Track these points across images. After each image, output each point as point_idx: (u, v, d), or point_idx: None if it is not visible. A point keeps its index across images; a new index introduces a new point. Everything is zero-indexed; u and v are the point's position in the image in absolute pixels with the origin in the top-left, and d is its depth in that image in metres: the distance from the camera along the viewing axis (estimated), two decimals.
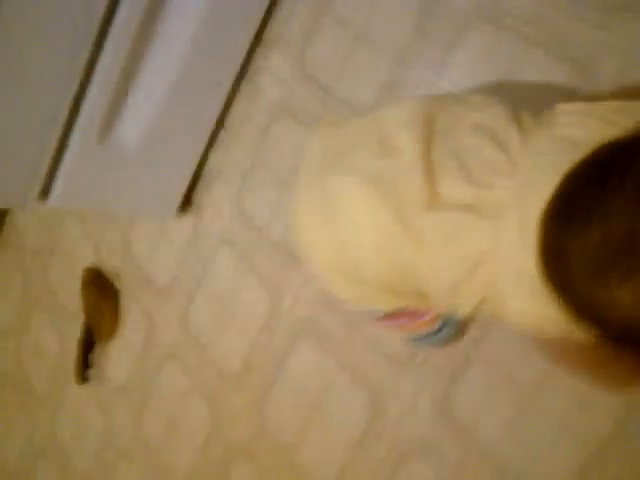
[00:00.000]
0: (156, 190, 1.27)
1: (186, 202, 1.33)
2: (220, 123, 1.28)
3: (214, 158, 1.30)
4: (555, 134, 0.59)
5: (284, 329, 1.15)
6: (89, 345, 1.53)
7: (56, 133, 1.07)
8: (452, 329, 0.86)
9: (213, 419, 1.26)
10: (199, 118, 1.23)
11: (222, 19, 1.12)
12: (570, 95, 0.80)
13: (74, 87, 1.04)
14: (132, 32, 1.03)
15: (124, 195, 1.23)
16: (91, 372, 1.55)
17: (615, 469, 0.77)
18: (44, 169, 1.08)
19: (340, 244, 0.68)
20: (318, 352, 1.09)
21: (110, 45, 1.02)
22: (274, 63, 1.21)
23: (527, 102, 0.66)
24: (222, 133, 1.29)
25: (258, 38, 1.22)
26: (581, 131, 0.57)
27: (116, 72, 1.05)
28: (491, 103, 0.66)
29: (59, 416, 1.66)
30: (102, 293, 1.49)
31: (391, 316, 0.77)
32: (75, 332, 1.58)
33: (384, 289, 0.69)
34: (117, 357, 1.50)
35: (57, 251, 1.70)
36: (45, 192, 1.12)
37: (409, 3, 1.01)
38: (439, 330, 0.84)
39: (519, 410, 0.84)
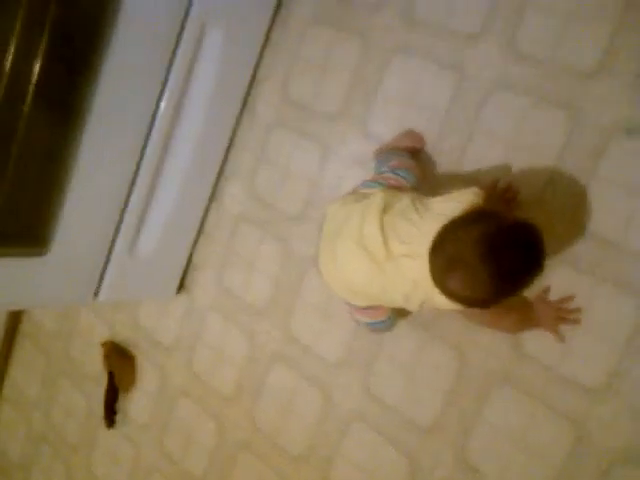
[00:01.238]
0: (162, 279, 1.89)
1: (181, 285, 1.95)
2: (201, 229, 1.91)
3: (198, 253, 1.94)
4: (433, 212, 1.17)
5: (263, 365, 1.78)
6: (114, 396, 2.09)
7: (105, 249, 1.67)
8: (392, 322, 1.42)
9: (218, 431, 1.86)
10: (187, 226, 1.87)
11: (201, 165, 1.78)
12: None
13: (117, 216, 1.66)
14: (152, 171, 1.67)
15: (144, 285, 1.84)
16: (117, 417, 2.10)
17: None
18: (97, 275, 1.69)
19: (346, 279, 1.30)
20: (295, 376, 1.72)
21: (136, 189, 1.65)
22: (232, 189, 1.87)
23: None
24: (202, 236, 1.93)
25: (221, 170, 1.88)
26: (443, 209, 1.15)
27: (140, 205, 1.68)
28: (404, 195, 1.24)
29: (93, 457, 2.20)
30: (122, 358, 2.06)
31: (364, 309, 1.37)
32: (98, 392, 2.14)
33: (366, 296, 1.31)
34: (138, 402, 2.07)
35: (74, 333, 2.27)
36: (96, 292, 1.72)
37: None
38: (385, 321, 1.40)
39: None
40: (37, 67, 1.42)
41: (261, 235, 1.80)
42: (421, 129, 1.53)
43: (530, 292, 1.33)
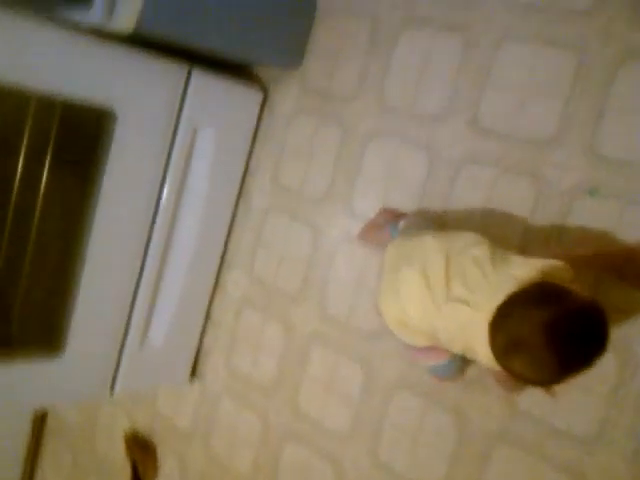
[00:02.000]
0: (175, 368, 1.97)
1: (193, 371, 2.03)
2: (207, 316, 2.01)
3: (206, 339, 2.03)
4: (508, 271, 1.14)
5: (276, 444, 1.84)
6: None
7: (117, 344, 1.77)
8: (455, 367, 1.40)
9: None
10: (195, 315, 1.97)
11: (203, 256, 1.89)
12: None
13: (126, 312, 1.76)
14: (157, 267, 1.79)
15: (158, 375, 1.93)
16: None
17: None
18: (112, 370, 1.78)
19: (402, 308, 1.27)
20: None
21: (143, 285, 1.77)
22: (234, 275, 1.98)
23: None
24: (209, 322, 2.02)
25: (222, 259, 1.99)
26: (519, 272, 1.11)
27: (147, 300, 1.79)
28: (483, 245, 1.21)
29: None
30: (143, 449, 2.13)
31: (422, 349, 1.35)
32: None
33: (422, 335, 1.29)
34: None
35: (97, 426, 2.34)
36: (112, 386, 1.81)
37: None
38: (447, 365, 1.38)
39: None
40: (43, 183, 1.56)
41: (264, 317, 1.89)
42: (401, 203, 1.63)
43: None
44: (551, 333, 1.01)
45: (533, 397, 1.40)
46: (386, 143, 1.69)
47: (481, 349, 1.13)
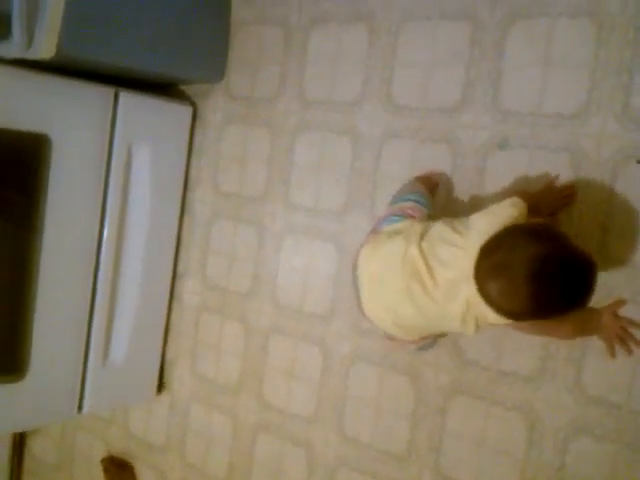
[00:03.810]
0: (141, 382, 2.01)
1: (161, 384, 2.07)
2: (167, 327, 2.06)
3: (169, 350, 2.07)
4: (474, 231, 1.16)
5: (248, 439, 1.88)
6: None
7: (79, 364, 1.81)
8: (436, 340, 1.47)
9: None
10: (154, 328, 2.01)
11: (154, 270, 1.95)
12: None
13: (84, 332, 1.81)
14: (109, 286, 1.84)
15: (124, 391, 1.96)
16: None
17: None
18: (77, 389, 1.81)
19: (394, 314, 1.29)
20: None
21: (98, 305, 1.82)
22: (188, 284, 2.04)
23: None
24: (170, 333, 2.07)
25: (174, 270, 2.05)
26: (484, 226, 1.15)
27: (104, 318, 1.84)
28: (435, 222, 1.25)
29: None
30: (121, 469, 2.15)
31: (415, 341, 1.41)
32: None
33: (418, 328, 1.34)
34: None
35: (75, 457, 2.35)
36: (80, 406, 1.84)
37: None
38: (432, 341, 1.45)
39: None
40: None
41: (222, 319, 1.95)
42: (333, 190, 1.72)
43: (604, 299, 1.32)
44: (539, 267, 1.02)
45: (478, 345, 1.48)
46: (313, 135, 1.78)
47: (490, 313, 1.13)
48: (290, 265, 1.82)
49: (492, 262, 1.08)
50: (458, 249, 1.17)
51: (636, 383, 1.31)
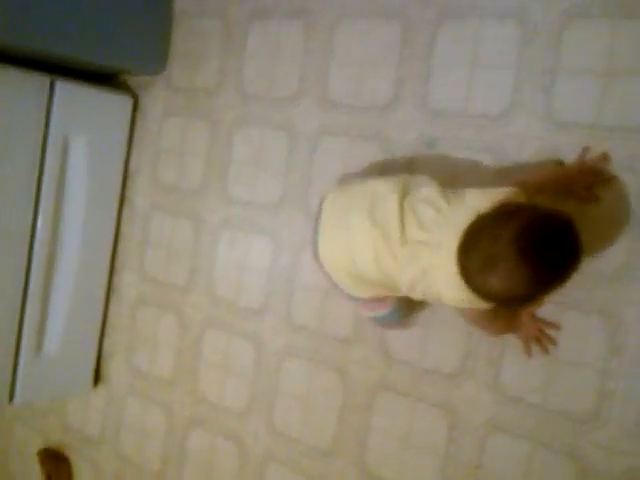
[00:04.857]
0: (76, 374, 2.00)
1: (98, 376, 2.06)
2: (105, 320, 2.04)
3: (107, 343, 2.06)
4: (464, 203, 1.13)
5: (181, 432, 1.88)
6: None
7: (11, 353, 1.79)
8: (398, 315, 1.39)
9: None
10: (90, 320, 2.00)
11: (91, 261, 1.93)
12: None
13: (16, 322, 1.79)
14: (43, 276, 1.82)
15: (59, 382, 1.95)
16: None
17: None
18: (8, 379, 1.79)
19: (352, 258, 1.22)
20: None
21: (30, 295, 1.79)
22: (126, 277, 2.02)
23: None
24: (107, 326, 2.05)
25: (113, 262, 2.03)
26: (476, 202, 1.10)
27: (37, 309, 1.82)
28: (432, 184, 1.20)
29: None
30: (56, 461, 2.13)
31: (366, 301, 1.33)
32: None
33: (372, 285, 1.26)
34: None
35: (11, 450, 2.33)
36: (11, 396, 1.82)
37: None
38: (389, 314, 1.36)
39: None
40: None
41: (158, 312, 1.94)
42: (269, 184, 1.72)
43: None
44: (523, 242, 1.00)
45: (404, 343, 1.50)
46: (251, 129, 1.78)
47: (445, 290, 1.12)
48: (226, 259, 1.81)
49: (480, 256, 1.05)
50: (440, 216, 1.14)
51: (552, 383, 1.33)
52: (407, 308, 1.42)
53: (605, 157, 1.27)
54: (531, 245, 1.00)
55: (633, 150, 1.25)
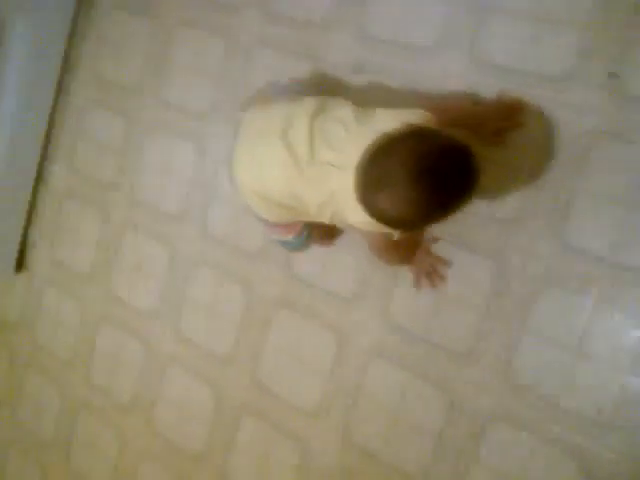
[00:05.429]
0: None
1: (20, 264, 2.07)
2: (32, 209, 2.04)
3: (32, 232, 2.07)
4: (372, 126, 1.10)
5: (91, 328, 1.91)
6: None
7: None
8: (302, 241, 1.39)
9: (60, 394, 1.99)
10: (14, 208, 2.00)
11: (20, 149, 1.91)
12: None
13: None
14: None
15: None
16: None
17: None
18: None
19: (262, 180, 1.22)
20: None
21: None
22: (55, 168, 2.01)
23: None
24: (34, 215, 2.06)
25: (43, 152, 2.02)
26: (383, 125, 1.07)
27: None
28: (348, 105, 1.18)
29: None
30: None
31: (275, 225, 1.34)
32: None
33: (280, 208, 1.25)
34: None
35: None
36: None
37: None
38: (295, 239, 1.37)
39: None
40: None
41: (82, 207, 1.94)
42: (205, 90, 1.70)
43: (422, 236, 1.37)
44: (418, 165, 0.98)
45: (307, 264, 1.52)
46: (191, 32, 1.74)
47: (351, 213, 1.11)
48: (152, 162, 1.81)
49: (372, 174, 1.04)
50: (349, 135, 1.12)
51: (436, 318, 1.37)
52: (314, 235, 1.41)
53: (520, 103, 1.26)
54: (425, 170, 0.99)
55: (547, 101, 1.25)
